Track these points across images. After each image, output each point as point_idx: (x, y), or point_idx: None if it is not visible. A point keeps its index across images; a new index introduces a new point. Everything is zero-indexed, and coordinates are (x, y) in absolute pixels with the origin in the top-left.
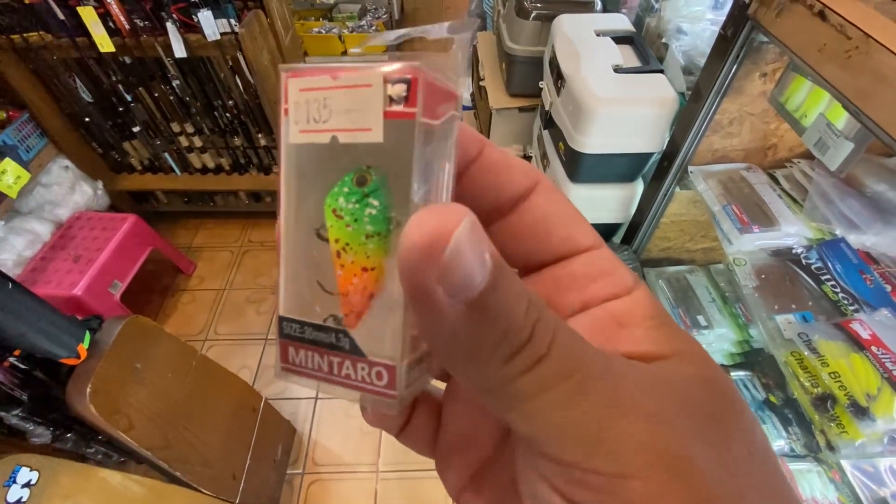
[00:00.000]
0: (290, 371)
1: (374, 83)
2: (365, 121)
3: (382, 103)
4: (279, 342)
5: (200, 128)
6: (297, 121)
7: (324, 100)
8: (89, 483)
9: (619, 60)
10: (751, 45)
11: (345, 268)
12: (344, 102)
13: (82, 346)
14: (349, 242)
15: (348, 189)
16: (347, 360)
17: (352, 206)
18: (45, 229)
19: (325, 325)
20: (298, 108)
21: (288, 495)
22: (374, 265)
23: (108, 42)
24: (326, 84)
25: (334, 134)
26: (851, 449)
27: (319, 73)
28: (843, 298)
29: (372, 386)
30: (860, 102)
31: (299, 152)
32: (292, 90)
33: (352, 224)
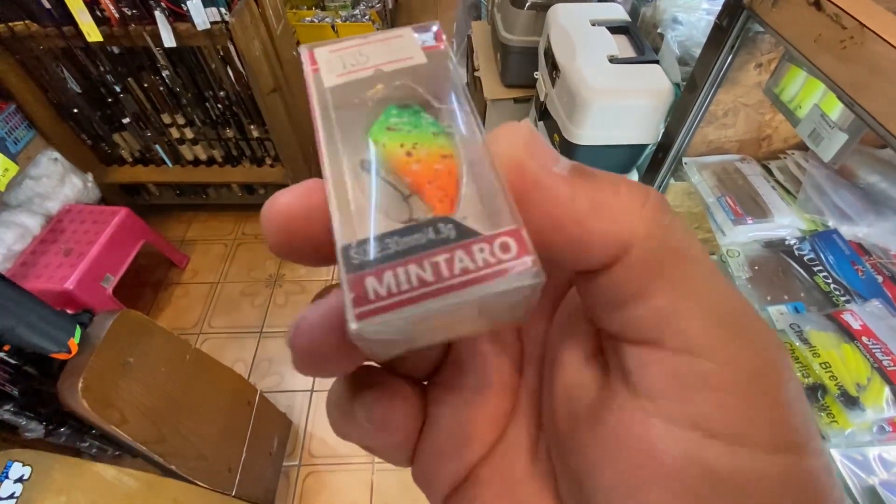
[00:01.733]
0: (376, 313)
1: (404, 34)
2: (406, 52)
3: (418, 41)
4: (350, 280)
5: (192, 119)
6: (331, 70)
7: (358, 51)
8: (83, 477)
9: (614, 51)
10: (746, 35)
11: (421, 161)
12: (380, 49)
13: (73, 341)
14: (417, 141)
15: (397, 110)
16: (458, 249)
17: (407, 119)
18: (34, 223)
19: (414, 224)
20: (331, 62)
21: (284, 487)
22: (450, 152)
23: (95, 31)
24: (358, 42)
25: (377, 67)
26: (841, 438)
27: (344, 41)
28: (835, 289)
29: (498, 266)
30: (855, 93)
31: (337, 93)
32: (320, 55)
33: (413, 129)
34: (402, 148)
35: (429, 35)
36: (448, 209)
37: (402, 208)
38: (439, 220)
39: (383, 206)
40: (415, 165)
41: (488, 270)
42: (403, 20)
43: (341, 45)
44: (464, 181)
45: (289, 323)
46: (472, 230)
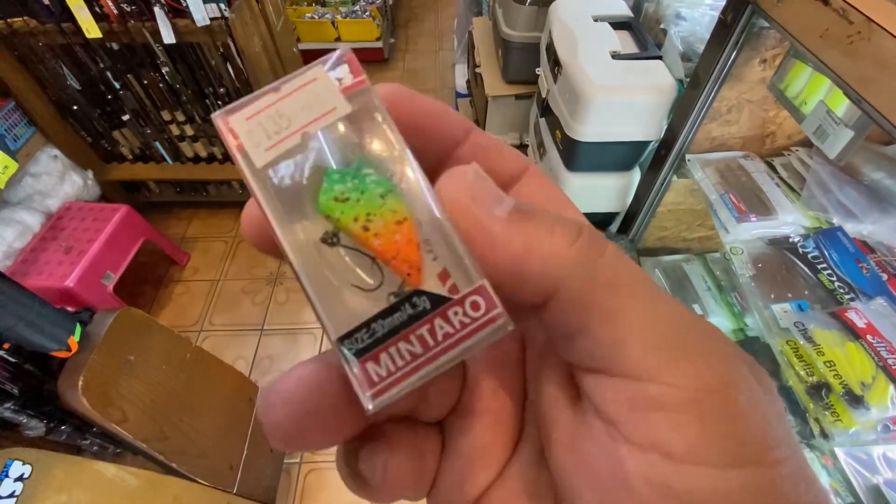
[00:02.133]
0: (384, 391)
1: (317, 76)
2: (327, 104)
3: (336, 84)
4: (358, 371)
5: (192, 116)
6: (256, 144)
7: (276, 112)
8: (83, 476)
9: (616, 47)
10: (751, 30)
11: (379, 234)
12: (299, 102)
13: (73, 339)
14: (369, 211)
15: (338, 175)
16: (436, 318)
17: (351, 184)
18: (35, 220)
19: (393, 304)
20: (253, 133)
21: (285, 485)
22: (403, 216)
23: (94, 27)
24: (272, 100)
25: (303, 131)
26: (845, 437)
27: (257, 98)
28: (840, 287)
29: (474, 324)
30: (861, 89)
31: (273, 171)
32: (237, 124)
33: (361, 196)
34: (357, 222)
35: (343, 69)
36: (416, 279)
37: (373, 272)
38: (413, 294)
39: (356, 278)
40: (375, 241)
41: (466, 330)
42: (404, 16)
43: (255, 106)
44: (422, 244)
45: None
46: (443, 297)
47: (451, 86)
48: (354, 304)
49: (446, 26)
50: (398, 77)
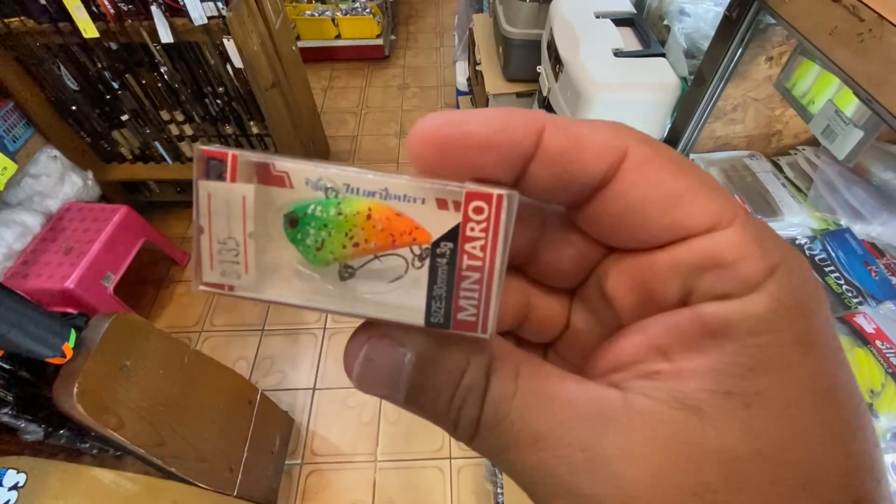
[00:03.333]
0: (486, 321)
1: (208, 191)
2: (233, 201)
3: (224, 183)
4: (458, 328)
5: (191, 116)
6: (237, 277)
7: (218, 245)
8: (80, 482)
9: (619, 44)
10: (757, 27)
11: (368, 238)
12: (220, 222)
13: (68, 345)
14: (345, 230)
15: (296, 232)
16: (465, 244)
17: (313, 228)
18: (34, 221)
19: (430, 266)
20: (228, 273)
21: (287, 486)
22: (365, 208)
23: (91, 27)
24: (206, 242)
25: (247, 235)
26: None
27: (198, 248)
28: (848, 291)
29: (492, 219)
30: (872, 88)
31: (266, 279)
32: (212, 277)
33: (326, 229)
34: (346, 249)
35: (216, 165)
36: (424, 236)
37: (393, 261)
38: (433, 247)
39: (391, 277)
40: (371, 244)
41: (490, 230)
42: (404, 12)
43: (205, 253)
44: (399, 209)
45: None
46: (454, 228)
47: (451, 83)
48: (404, 294)
49: (447, 23)
50: (399, 74)
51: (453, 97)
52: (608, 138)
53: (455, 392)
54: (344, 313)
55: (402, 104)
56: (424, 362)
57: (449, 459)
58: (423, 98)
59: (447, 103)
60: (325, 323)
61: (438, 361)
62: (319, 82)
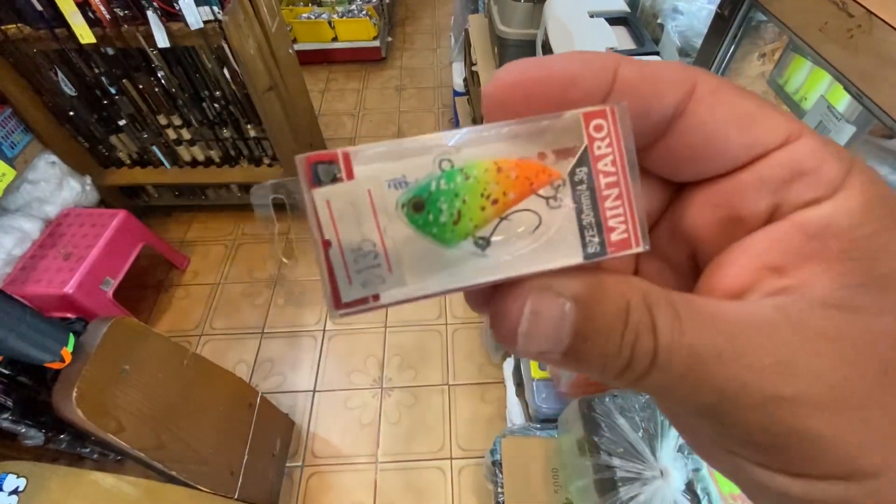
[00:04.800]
0: (637, 232)
1: (324, 198)
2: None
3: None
4: (615, 253)
5: (188, 120)
6: (380, 282)
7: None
8: (80, 487)
9: (613, 43)
10: (749, 24)
11: (504, 188)
12: (347, 228)
13: (66, 350)
14: (477, 192)
15: (423, 216)
16: (597, 163)
17: (443, 202)
18: (33, 227)
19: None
20: (369, 283)
21: (288, 488)
22: (490, 165)
23: (88, 33)
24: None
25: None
26: None
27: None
28: None
29: (613, 134)
30: (863, 84)
31: (411, 270)
32: (350, 294)
33: (457, 198)
34: (485, 209)
35: (325, 169)
36: (556, 172)
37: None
38: (570, 174)
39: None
40: (511, 195)
41: (615, 144)
42: (401, 14)
43: (338, 269)
44: (527, 154)
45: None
46: (583, 151)
47: (449, 84)
48: (549, 240)
49: (443, 24)
50: (396, 76)
51: (451, 98)
52: (679, 71)
53: (625, 329)
54: (498, 280)
55: (400, 106)
56: (586, 306)
57: (450, 460)
58: (421, 99)
59: (444, 104)
60: (324, 325)
61: (600, 302)
62: (316, 85)
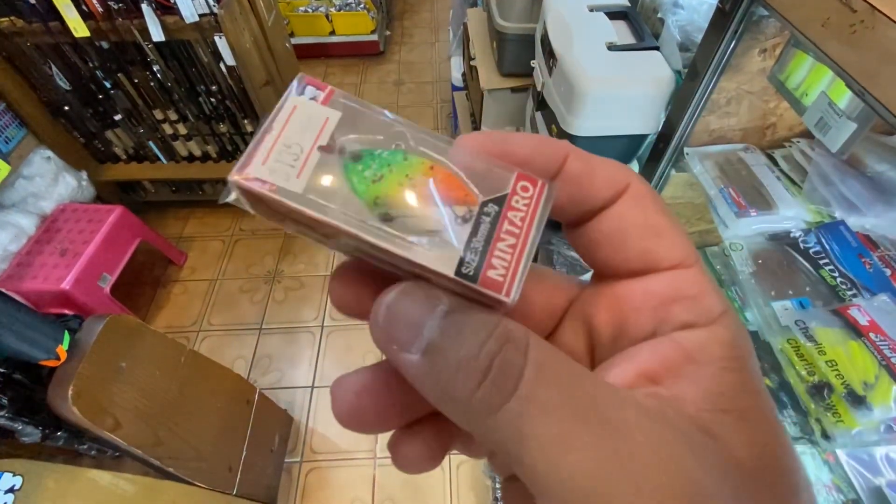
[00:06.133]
0: (512, 283)
1: (296, 103)
2: (318, 119)
3: (314, 102)
4: (483, 286)
5: (185, 115)
6: (286, 177)
7: (283, 145)
8: (77, 484)
9: (612, 37)
10: (750, 19)
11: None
12: (294, 129)
13: (61, 348)
14: (405, 175)
15: (358, 164)
16: (508, 212)
17: (376, 164)
18: (29, 223)
19: (474, 221)
20: (276, 172)
21: (286, 484)
22: (430, 164)
23: (82, 26)
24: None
25: (315, 146)
26: (847, 438)
27: (258, 144)
28: (842, 283)
29: (534, 199)
30: (865, 80)
31: (312, 192)
32: (258, 171)
33: (388, 169)
34: (402, 186)
35: (311, 90)
36: (472, 199)
37: (437, 220)
38: (482, 206)
39: (427, 228)
40: (437, 188)
41: (531, 206)
42: (399, 7)
43: (262, 150)
44: (460, 173)
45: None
46: (502, 195)
47: (447, 79)
48: (440, 245)
49: (442, 18)
50: (394, 70)
51: (449, 93)
52: (617, 171)
53: (490, 337)
54: (376, 245)
55: (398, 100)
56: (455, 314)
57: (448, 455)
58: (419, 94)
59: (443, 99)
60: (322, 321)
61: (469, 316)
62: None
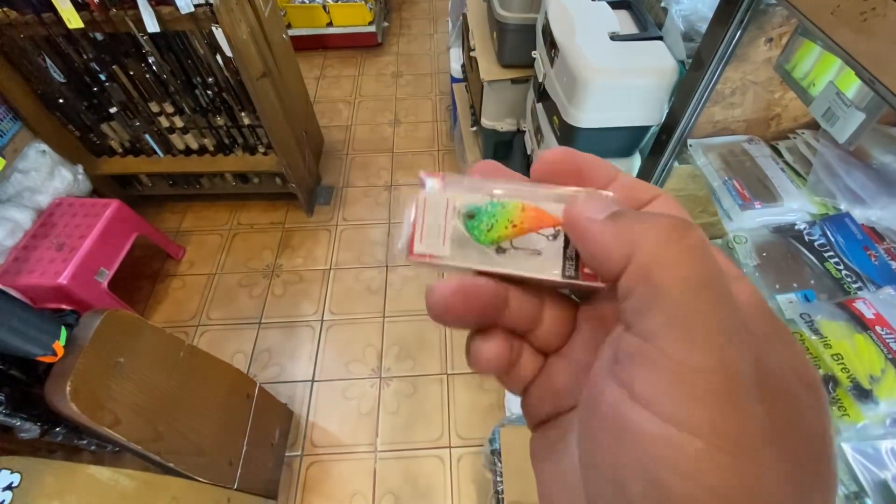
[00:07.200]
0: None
1: (425, 197)
2: (441, 203)
3: (437, 191)
4: (583, 279)
5: (181, 107)
6: (437, 248)
7: (428, 228)
8: (76, 481)
9: (615, 27)
10: (756, 7)
11: (523, 221)
12: (431, 215)
13: (58, 344)
14: (506, 219)
15: (473, 222)
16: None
17: (485, 219)
18: (25, 217)
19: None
20: (431, 245)
21: (287, 478)
22: (521, 206)
23: (76, 17)
24: (419, 227)
25: (447, 224)
26: (853, 432)
27: (412, 231)
28: (847, 276)
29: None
30: (875, 69)
31: (454, 252)
32: (420, 248)
33: (494, 219)
34: (508, 228)
35: (431, 182)
36: (556, 221)
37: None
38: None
39: (533, 249)
40: (524, 226)
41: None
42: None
43: (417, 233)
44: (541, 205)
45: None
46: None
47: (446, 70)
48: (542, 262)
49: (441, 8)
50: (392, 62)
51: (448, 84)
52: (651, 187)
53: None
54: (504, 273)
55: (397, 92)
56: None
57: (448, 448)
58: (418, 86)
59: (442, 91)
60: (322, 315)
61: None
62: (311, 71)
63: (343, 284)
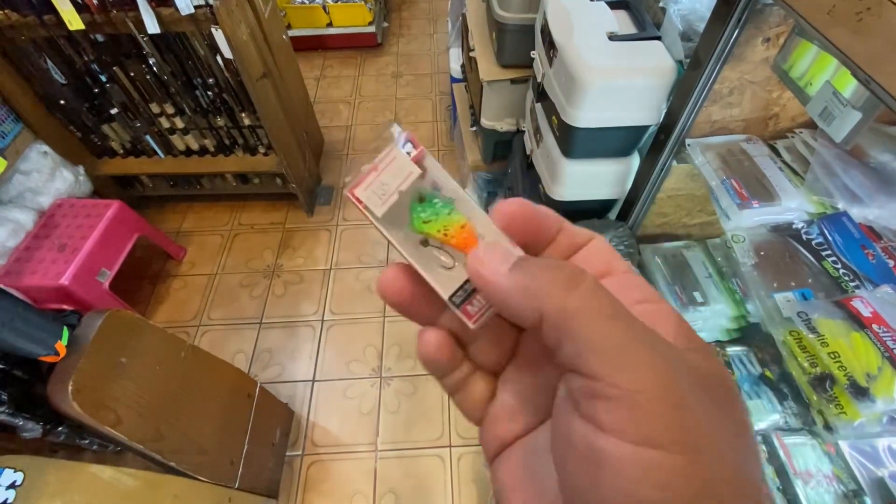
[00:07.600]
0: (479, 318)
1: (396, 155)
2: (405, 170)
3: (408, 157)
4: (462, 313)
5: (181, 108)
6: (375, 204)
7: (379, 182)
8: (78, 479)
9: (613, 27)
10: (753, 7)
11: (455, 236)
12: (390, 174)
13: (61, 343)
14: (444, 224)
15: (420, 206)
16: None
17: (429, 211)
18: (27, 218)
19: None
20: (371, 198)
21: (288, 477)
22: (464, 222)
23: (76, 19)
24: (375, 175)
25: (398, 190)
26: (850, 430)
27: (367, 174)
28: (844, 275)
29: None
30: (871, 69)
31: (388, 216)
32: (361, 194)
33: (435, 217)
34: (440, 232)
35: (409, 146)
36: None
37: (451, 258)
38: None
39: (442, 263)
40: (452, 240)
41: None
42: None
43: (367, 180)
44: (479, 233)
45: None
46: None
47: (446, 70)
48: (446, 277)
49: (441, 8)
50: (392, 62)
51: (448, 85)
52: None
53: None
54: (412, 262)
55: (396, 93)
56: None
57: (449, 448)
58: (418, 86)
59: (442, 91)
60: (322, 315)
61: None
62: (311, 72)
63: (343, 284)
